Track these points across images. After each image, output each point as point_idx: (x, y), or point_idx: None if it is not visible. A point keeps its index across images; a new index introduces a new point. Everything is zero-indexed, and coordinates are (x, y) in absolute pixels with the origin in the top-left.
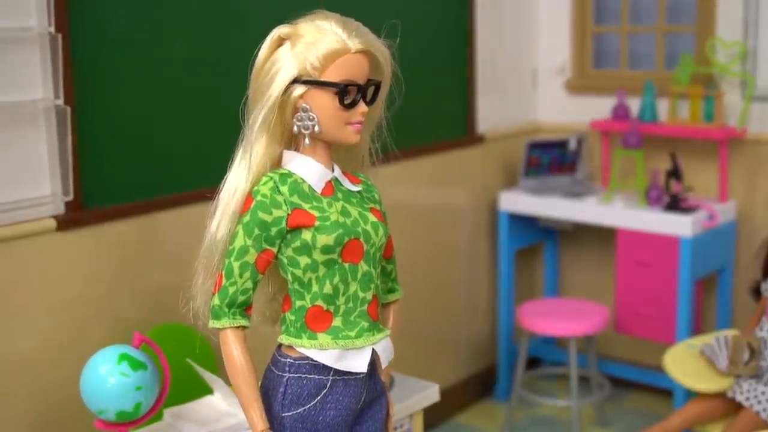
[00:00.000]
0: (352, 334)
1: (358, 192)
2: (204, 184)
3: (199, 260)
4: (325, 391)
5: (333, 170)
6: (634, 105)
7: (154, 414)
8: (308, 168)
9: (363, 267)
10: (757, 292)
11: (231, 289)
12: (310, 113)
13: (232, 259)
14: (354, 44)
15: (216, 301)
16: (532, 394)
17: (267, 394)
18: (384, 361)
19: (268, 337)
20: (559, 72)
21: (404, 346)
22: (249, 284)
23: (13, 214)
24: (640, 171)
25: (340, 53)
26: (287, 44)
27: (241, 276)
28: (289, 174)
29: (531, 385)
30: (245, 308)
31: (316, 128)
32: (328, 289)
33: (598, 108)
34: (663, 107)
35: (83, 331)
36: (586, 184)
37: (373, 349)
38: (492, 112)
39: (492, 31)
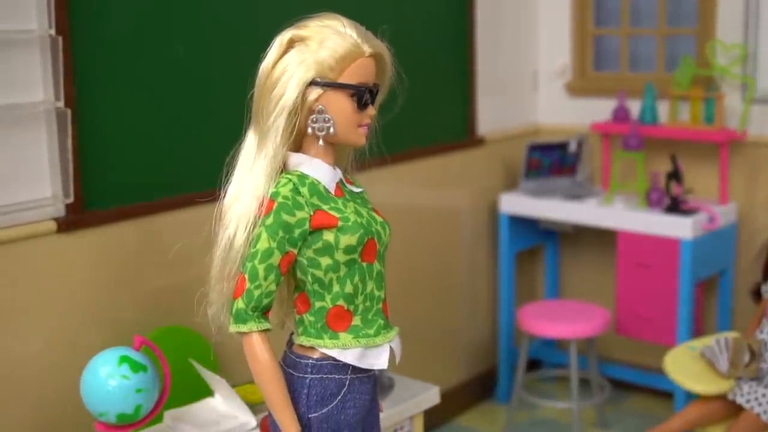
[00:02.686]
0: (371, 332)
1: (359, 193)
2: (205, 187)
3: (214, 265)
4: (344, 390)
5: (339, 172)
6: (635, 107)
7: (154, 416)
8: (320, 170)
9: (377, 266)
10: (757, 294)
11: (256, 293)
12: (326, 115)
13: (256, 262)
14: (367, 48)
15: (240, 305)
16: (533, 396)
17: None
18: (397, 357)
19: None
20: (560, 74)
21: (404, 348)
22: (273, 287)
23: (14, 216)
24: (640, 173)
25: (356, 56)
26: (301, 46)
27: (265, 279)
28: (305, 176)
29: (531, 387)
30: (266, 311)
31: (331, 130)
32: (349, 288)
33: (599, 110)
34: (663, 109)
35: (84, 333)
36: (587, 186)
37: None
38: (492, 114)
39: (492, 33)
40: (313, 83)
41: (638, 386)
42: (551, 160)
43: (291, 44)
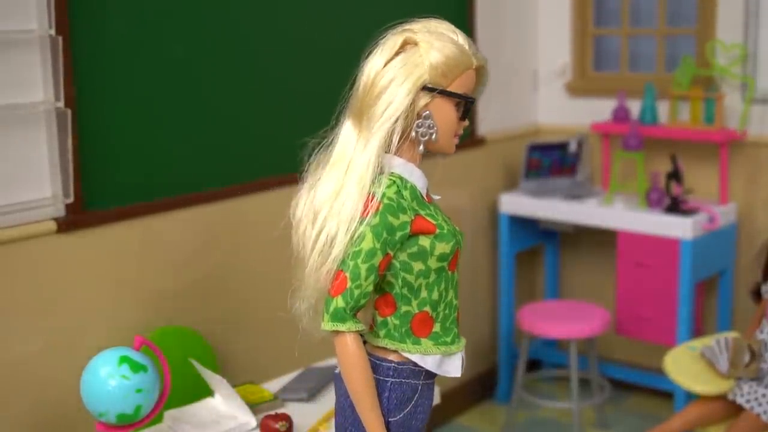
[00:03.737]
0: (449, 339)
1: (437, 202)
2: (205, 186)
3: (311, 262)
4: (417, 395)
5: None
6: (635, 107)
7: (154, 416)
8: (415, 174)
9: (456, 275)
10: (757, 294)
11: (356, 292)
12: (431, 121)
13: (359, 261)
14: (476, 59)
15: (341, 303)
16: (533, 396)
17: None
18: (463, 366)
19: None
20: (560, 74)
21: None
22: (371, 287)
23: (14, 216)
24: (640, 173)
25: (467, 66)
26: (414, 50)
27: (366, 279)
28: (405, 179)
29: (531, 387)
30: (357, 312)
31: (434, 137)
32: (435, 295)
33: (599, 110)
34: (663, 109)
35: (83, 333)
36: (587, 186)
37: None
38: (492, 115)
39: (492, 33)
40: (425, 88)
41: (638, 386)
42: (551, 160)
43: (403, 46)
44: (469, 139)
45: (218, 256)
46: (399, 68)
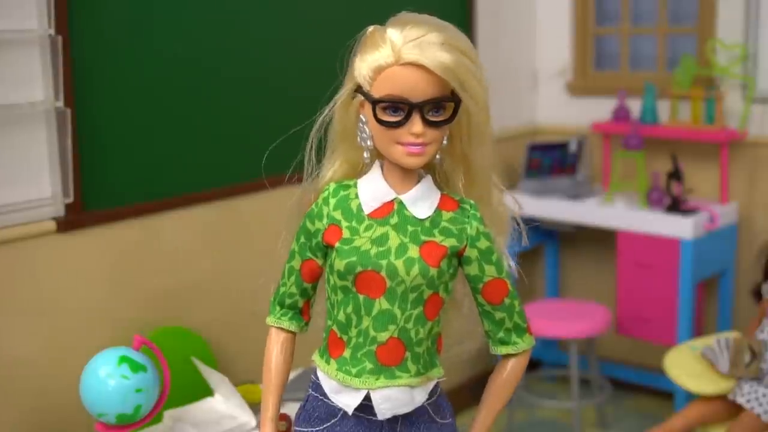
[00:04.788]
0: (353, 371)
1: (425, 220)
2: (205, 186)
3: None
4: (335, 420)
5: (407, 191)
6: (635, 107)
7: (154, 416)
8: (367, 185)
9: (382, 304)
10: (758, 294)
11: (281, 289)
12: (365, 126)
13: (286, 260)
14: (405, 55)
15: (272, 297)
16: (533, 396)
17: None
18: (386, 412)
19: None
20: (560, 73)
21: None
22: (294, 289)
23: (13, 216)
24: (640, 173)
25: (386, 65)
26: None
27: (288, 278)
28: (348, 186)
29: (532, 386)
30: (297, 312)
31: (368, 143)
32: (342, 317)
33: (599, 110)
34: (664, 109)
35: (83, 333)
36: (587, 186)
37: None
38: (492, 114)
39: (492, 33)
40: (356, 91)
41: (639, 386)
42: (551, 160)
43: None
44: None
45: (218, 256)
46: (347, 73)
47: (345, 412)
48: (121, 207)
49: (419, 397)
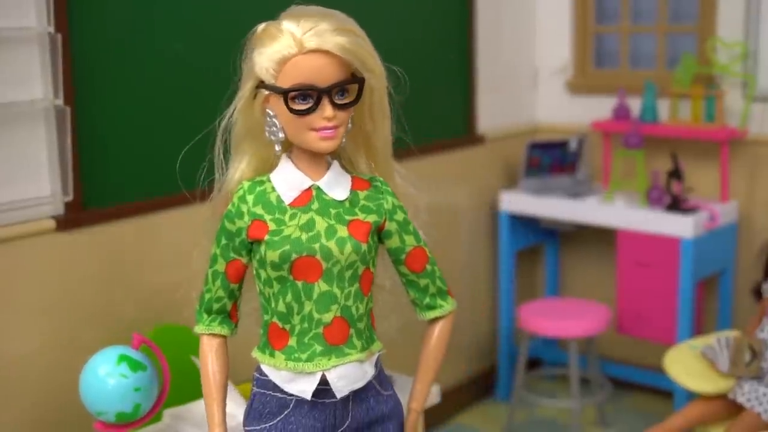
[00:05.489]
0: (303, 357)
1: (344, 201)
2: (204, 184)
3: (197, 264)
4: (287, 411)
5: (322, 177)
6: (635, 105)
7: (153, 415)
8: (282, 176)
9: (321, 286)
10: (758, 293)
11: (207, 296)
12: (274, 119)
13: (208, 266)
14: (307, 43)
15: (196, 306)
16: (533, 395)
17: None
18: (343, 389)
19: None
20: (560, 72)
21: (404, 347)
22: (221, 293)
23: (13, 214)
24: (640, 171)
25: (290, 56)
26: (253, 51)
27: (213, 283)
28: (262, 182)
29: (531, 385)
30: (226, 315)
31: (280, 135)
32: (281, 307)
33: (599, 108)
34: (664, 107)
35: (82, 331)
36: (587, 184)
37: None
38: (492, 112)
39: (492, 31)
40: (259, 86)
41: (638, 385)
42: (551, 159)
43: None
44: (469, 137)
45: None
46: (243, 70)
47: (297, 402)
48: (120, 205)
49: (369, 370)
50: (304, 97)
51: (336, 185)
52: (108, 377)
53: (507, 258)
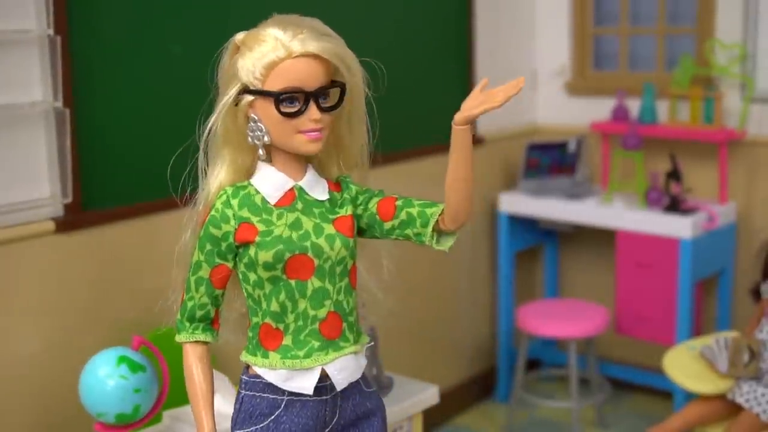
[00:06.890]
0: (301, 354)
1: (325, 201)
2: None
3: (176, 273)
4: (279, 411)
5: (302, 178)
6: (634, 106)
7: (153, 416)
8: (265, 178)
9: (314, 283)
10: (757, 294)
11: (189, 304)
12: (259, 124)
13: (190, 273)
14: (295, 48)
15: (178, 315)
16: (532, 396)
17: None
18: (343, 382)
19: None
20: (559, 73)
21: (404, 348)
22: (205, 299)
23: (12, 216)
24: (639, 172)
25: (279, 60)
26: (241, 52)
27: (197, 291)
28: (245, 186)
29: (531, 386)
30: (208, 323)
31: (266, 138)
32: (275, 306)
33: (598, 109)
34: (662, 109)
35: (82, 333)
36: (586, 185)
37: (323, 369)
38: (491, 114)
39: (491, 33)
40: (244, 91)
41: (638, 386)
42: (550, 160)
43: (237, 49)
44: None
45: None
46: (226, 73)
47: (289, 401)
48: (120, 207)
49: (363, 362)
50: (292, 100)
51: (316, 185)
52: (108, 378)
53: (506, 259)
